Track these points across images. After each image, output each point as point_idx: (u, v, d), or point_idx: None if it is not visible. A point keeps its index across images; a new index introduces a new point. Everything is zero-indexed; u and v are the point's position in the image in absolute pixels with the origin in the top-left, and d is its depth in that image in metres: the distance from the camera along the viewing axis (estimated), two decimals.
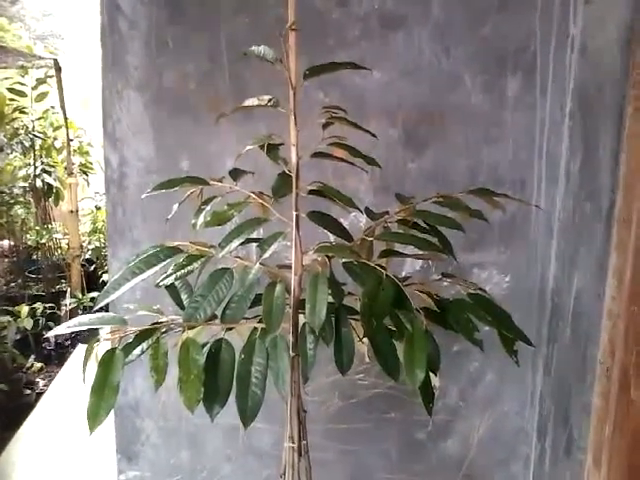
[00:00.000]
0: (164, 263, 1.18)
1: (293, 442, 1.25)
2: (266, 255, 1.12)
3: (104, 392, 1.02)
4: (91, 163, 4.61)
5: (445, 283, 1.31)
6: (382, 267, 1.14)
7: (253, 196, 1.20)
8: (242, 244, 1.16)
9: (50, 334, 1.10)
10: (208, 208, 1.18)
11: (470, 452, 1.86)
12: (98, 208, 4.76)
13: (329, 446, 1.72)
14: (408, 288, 1.15)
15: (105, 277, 4.40)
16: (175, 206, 1.21)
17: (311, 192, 1.19)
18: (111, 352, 1.06)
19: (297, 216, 1.16)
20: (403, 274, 1.71)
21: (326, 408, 1.72)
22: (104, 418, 1.00)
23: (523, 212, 1.74)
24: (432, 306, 1.17)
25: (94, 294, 4.25)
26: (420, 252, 1.29)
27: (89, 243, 4.68)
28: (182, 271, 1.17)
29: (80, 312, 4.10)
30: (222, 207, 1.17)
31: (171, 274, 1.17)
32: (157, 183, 1.18)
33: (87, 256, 4.61)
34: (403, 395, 1.79)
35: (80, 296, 4.18)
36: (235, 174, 1.24)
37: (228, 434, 1.73)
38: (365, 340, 1.23)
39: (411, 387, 1.12)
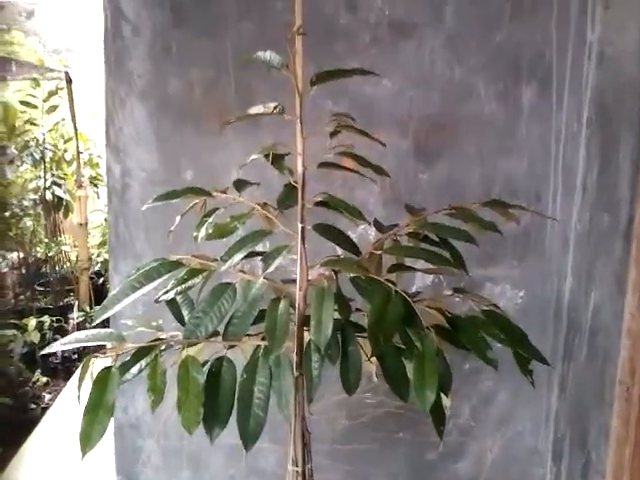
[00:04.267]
0: (165, 277, 1.14)
1: (297, 465, 1.19)
2: (270, 269, 1.08)
3: (98, 413, 0.97)
4: (101, 175, 4.60)
5: (457, 299, 1.25)
6: (391, 282, 1.09)
7: (257, 207, 1.16)
8: (245, 257, 1.12)
9: (45, 352, 1.05)
10: (210, 220, 1.14)
11: (482, 474, 1.79)
12: (107, 221, 4.75)
13: (334, 467, 1.66)
14: (418, 304, 1.10)
15: None
16: (177, 218, 1.16)
17: (317, 204, 1.14)
18: (107, 370, 1.01)
19: (303, 228, 1.11)
20: (413, 289, 1.65)
21: (332, 428, 1.66)
22: (98, 440, 0.95)
23: (537, 225, 1.68)
24: (443, 323, 1.11)
25: None
26: (431, 266, 1.25)
27: (98, 256, 4.65)
28: (183, 286, 1.12)
29: (88, 326, 4.07)
30: (225, 219, 1.13)
31: (171, 289, 1.12)
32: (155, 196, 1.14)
33: (96, 269, 4.59)
34: (413, 414, 1.73)
35: (88, 309, 4.15)
36: (239, 185, 1.20)
37: (231, 454, 1.68)
38: (373, 359, 1.18)
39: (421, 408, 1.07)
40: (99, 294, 4.42)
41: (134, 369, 1.06)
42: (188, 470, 1.67)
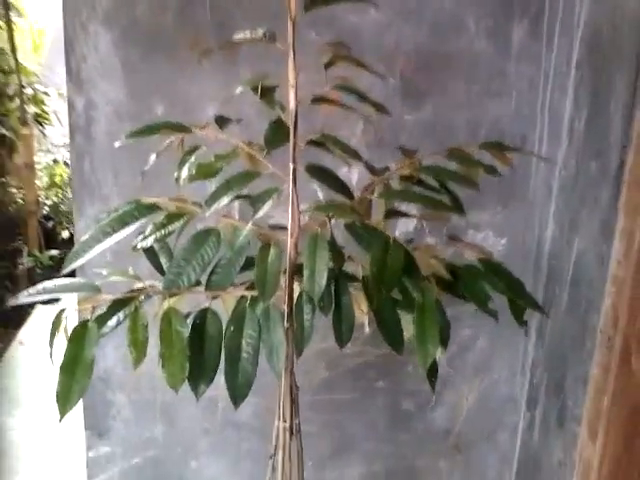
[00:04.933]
0: (141, 222, 1.03)
1: (285, 420, 1.14)
2: (260, 214, 0.99)
3: (76, 371, 0.88)
4: (47, 113, 4.32)
5: (441, 247, 1.20)
6: None
7: (242, 146, 1.06)
8: (232, 201, 1.02)
9: (11, 303, 0.94)
10: (192, 160, 1.03)
11: (458, 422, 1.79)
12: (55, 162, 4.49)
13: (314, 418, 1.62)
14: (415, 253, 1.04)
15: (65, 234, 4.18)
16: (152, 157, 1.05)
17: (310, 142, 1.05)
18: (83, 325, 0.92)
19: (294, 169, 1.02)
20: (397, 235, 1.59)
21: (311, 379, 1.61)
22: (76, 401, 0.87)
23: (522, 170, 1.63)
24: (442, 273, 1.05)
25: (53, 252, 4.04)
26: (424, 212, 1.18)
27: (47, 199, 4.41)
28: (162, 231, 1.02)
29: (38, 270, 3.90)
30: (209, 159, 1.03)
31: (150, 235, 1.02)
32: (129, 131, 1.02)
33: (45, 212, 4.36)
34: (392, 364, 1.69)
35: (38, 254, 3.97)
36: (221, 121, 1.09)
37: (206, 407, 1.62)
38: (365, 310, 1.12)
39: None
40: (49, 239, 4.22)
41: (111, 322, 0.97)
42: (161, 424, 1.60)
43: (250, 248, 1.05)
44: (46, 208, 4.36)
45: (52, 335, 0.93)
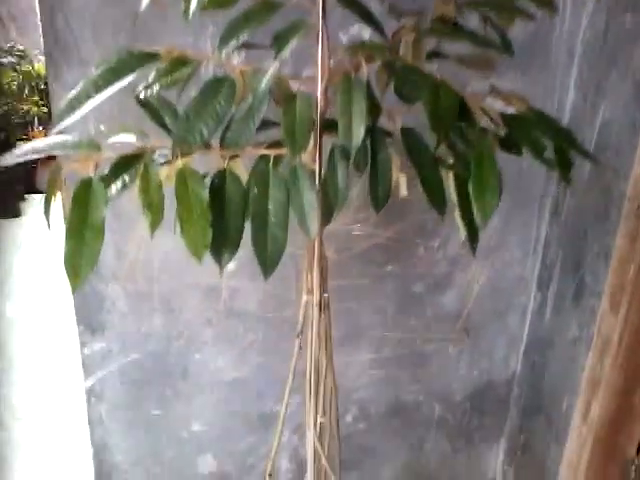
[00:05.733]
0: (139, 72, 0.87)
1: (312, 294, 1.03)
2: (285, 53, 0.83)
3: (84, 235, 0.74)
4: None
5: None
6: None
7: None
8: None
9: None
10: None
11: (467, 305, 1.73)
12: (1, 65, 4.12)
13: None
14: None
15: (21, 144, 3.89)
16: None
17: None
18: (86, 183, 0.77)
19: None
20: None
21: None
22: (88, 269, 0.73)
23: (543, 36, 1.48)
24: (497, 120, 0.92)
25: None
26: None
27: None
28: (168, 78, 0.86)
29: None
30: None
31: (153, 82, 0.86)
32: None
33: None
34: (401, 246, 1.60)
35: None
36: None
37: (206, 297, 1.51)
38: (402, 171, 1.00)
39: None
40: (3, 150, 3.93)
41: (118, 183, 0.82)
42: (159, 316, 1.49)
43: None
44: None
45: (49, 196, 0.78)
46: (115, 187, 0.82)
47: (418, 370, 1.78)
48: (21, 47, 4.62)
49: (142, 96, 0.86)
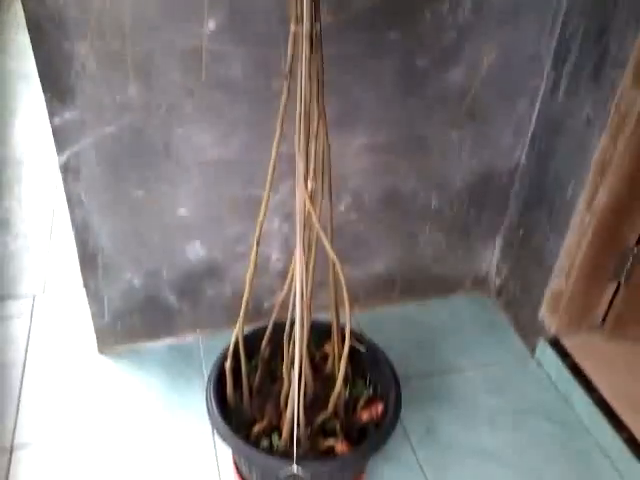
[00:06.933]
0: None
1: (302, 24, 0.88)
2: None
3: None
4: None
5: None
6: None
7: None
8: None
9: None
10: None
11: (475, 83, 1.58)
12: None
13: None
14: None
15: None
16: None
17: None
18: None
19: None
20: None
21: None
22: None
23: None
24: None
25: None
26: None
27: None
28: None
29: None
30: None
31: None
32: None
33: None
34: (406, 10, 1.41)
35: None
36: None
37: (187, 63, 1.34)
38: None
39: None
40: None
41: None
42: (135, 83, 1.33)
43: None
44: None
45: None
46: None
47: (416, 156, 1.67)
48: None
49: None
